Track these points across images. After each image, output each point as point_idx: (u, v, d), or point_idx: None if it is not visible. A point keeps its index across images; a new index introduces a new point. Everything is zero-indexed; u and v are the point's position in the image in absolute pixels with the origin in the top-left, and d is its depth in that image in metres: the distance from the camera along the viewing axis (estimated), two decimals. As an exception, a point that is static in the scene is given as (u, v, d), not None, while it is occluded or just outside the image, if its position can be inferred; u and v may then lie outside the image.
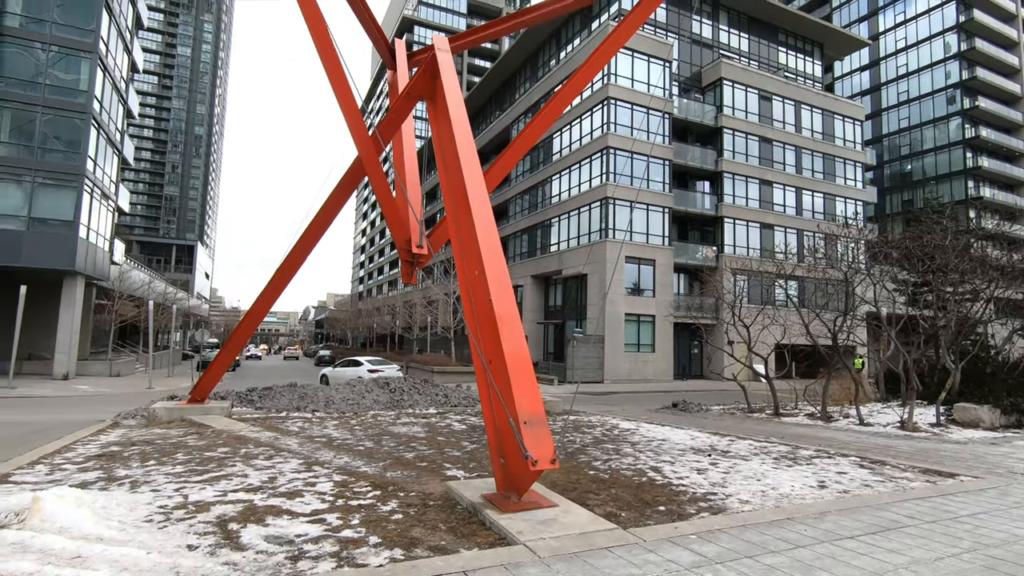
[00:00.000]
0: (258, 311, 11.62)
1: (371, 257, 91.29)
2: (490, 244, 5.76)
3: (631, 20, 9.16)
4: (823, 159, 40.00)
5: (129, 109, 32.84)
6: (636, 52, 33.43)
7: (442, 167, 7.22)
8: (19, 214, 24.20)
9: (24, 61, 24.72)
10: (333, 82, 8.18)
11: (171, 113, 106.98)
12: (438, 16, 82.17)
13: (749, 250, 35.79)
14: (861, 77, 59.76)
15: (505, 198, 44.51)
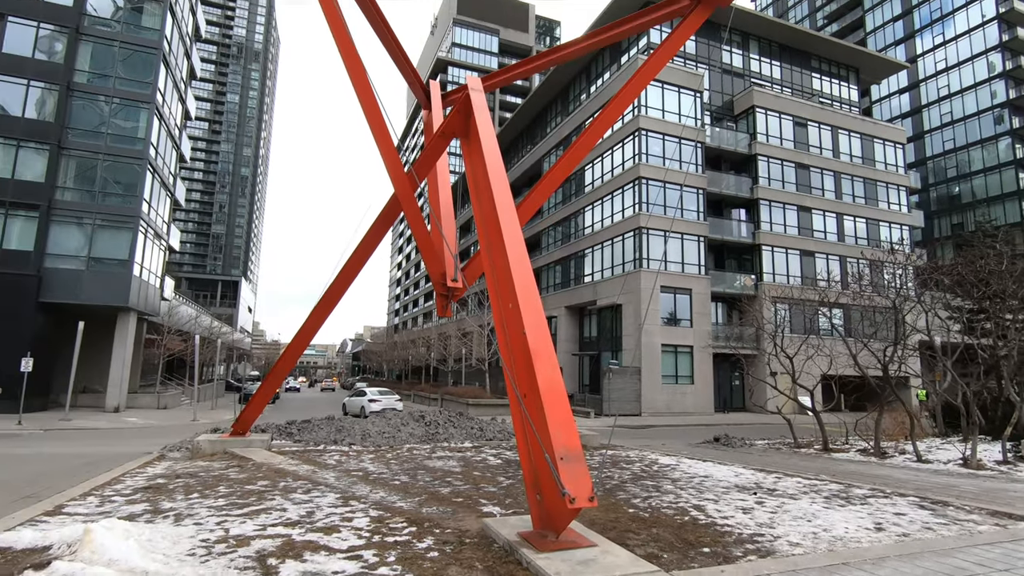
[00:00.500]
0: (298, 345, 11.89)
1: (406, 290, 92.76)
2: (524, 278, 5.80)
3: (660, 54, 9.28)
4: (864, 184, 39.01)
5: (182, 154, 34.80)
6: (666, 84, 33.68)
7: (476, 202, 7.36)
8: (79, 254, 25.70)
9: (90, 113, 26.62)
10: (371, 122, 8.50)
11: (219, 156, 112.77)
12: (471, 56, 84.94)
13: (789, 278, 34.87)
14: (900, 100, 58.52)
15: (538, 230, 44.82)
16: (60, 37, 26.10)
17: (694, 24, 9.20)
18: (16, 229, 24.73)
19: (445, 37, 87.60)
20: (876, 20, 61.38)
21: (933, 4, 55.49)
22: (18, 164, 24.95)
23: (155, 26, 28.16)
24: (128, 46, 27.46)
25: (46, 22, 25.88)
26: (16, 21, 25.44)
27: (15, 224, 24.72)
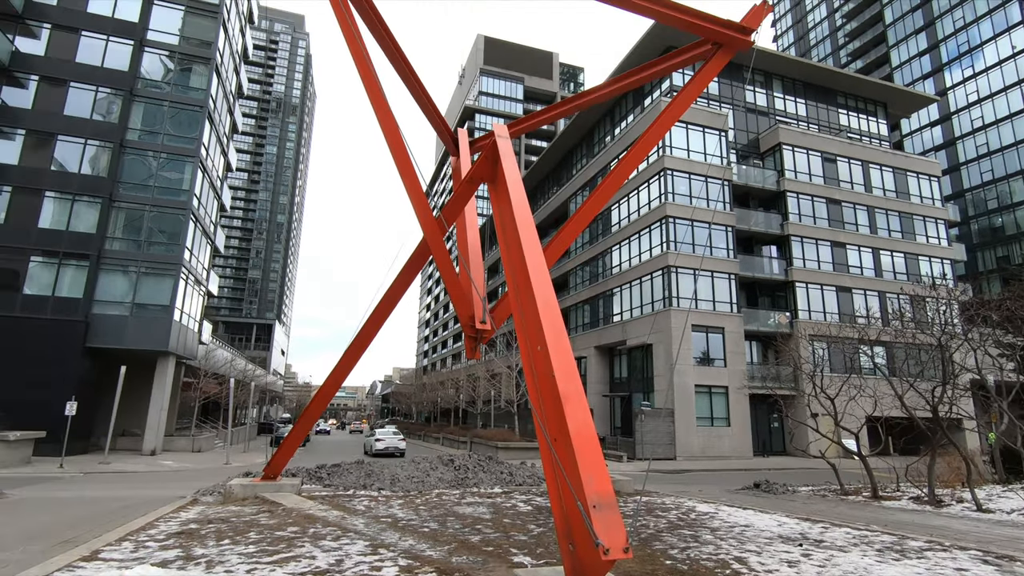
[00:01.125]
0: (328, 389, 12.01)
1: (435, 331, 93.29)
2: (552, 320, 5.79)
3: (683, 97, 9.42)
4: (899, 218, 38.13)
5: (222, 203, 36.40)
6: (690, 124, 34.03)
7: (503, 246, 7.46)
8: (124, 300, 26.78)
9: (139, 167, 28.23)
10: (401, 170, 8.79)
11: (257, 204, 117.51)
12: (497, 103, 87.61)
13: (826, 315, 33.88)
14: (932, 132, 57.64)
15: (565, 270, 44.91)
16: (115, 99, 28.02)
17: (716, 67, 9.36)
18: (68, 277, 26.00)
19: (472, 86, 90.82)
20: (902, 55, 61.29)
21: (960, 38, 55.22)
22: (72, 216, 26.46)
23: (201, 86, 30.01)
24: (176, 105, 29.27)
25: (104, 86, 27.87)
26: (77, 86, 27.48)
27: (67, 273, 26.01)
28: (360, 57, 8.92)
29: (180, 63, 29.90)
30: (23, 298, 25.08)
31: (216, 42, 30.65)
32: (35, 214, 25.95)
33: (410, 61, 11.16)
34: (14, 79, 26.73)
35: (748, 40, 9.18)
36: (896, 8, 62.66)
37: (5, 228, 25.44)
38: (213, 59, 30.33)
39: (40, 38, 27.50)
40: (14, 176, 25.93)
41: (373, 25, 10.44)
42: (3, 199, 25.78)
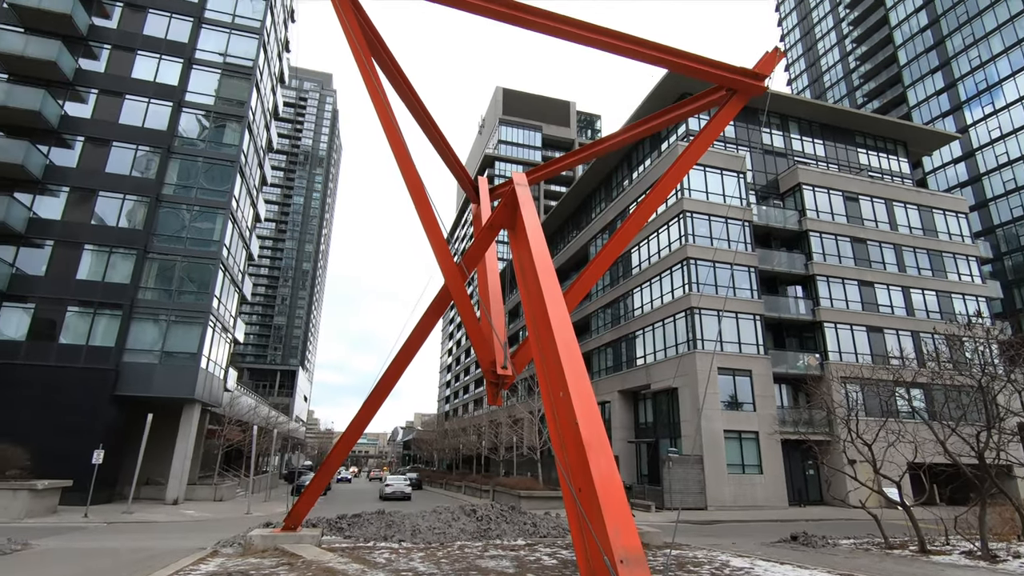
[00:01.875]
0: (350, 437, 11.95)
1: (457, 376, 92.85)
2: (573, 365, 5.74)
3: (700, 142, 9.55)
4: (928, 255, 37.34)
5: (250, 252, 37.48)
6: (708, 167, 34.30)
7: (524, 291, 7.50)
8: (154, 348, 27.38)
9: (172, 220, 29.40)
10: (422, 218, 8.99)
11: (284, 252, 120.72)
12: (516, 151, 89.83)
13: (857, 356, 32.87)
14: (956, 169, 57.03)
15: (587, 312, 44.69)
16: (154, 156, 29.50)
17: (731, 113, 9.50)
18: (101, 327, 26.76)
19: (492, 135, 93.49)
20: (919, 95, 61.48)
21: (977, 76, 55.32)
22: (109, 268, 27.48)
23: (234, 142, 31.47)
24: (210, 160, 30.67)
25: (144, 144, 29.43)
26: (119, 145, 29.06)
27: (101, 322, 26.80)
28: (384, 112, 9.30)
29: (215, 121, 31.49)
30: (58, 348, 25.82)
31: (249, 101, 32.31)
32: (74, 266, 27.03)
33: (431, 114, 11.59)
34: (62, 140, 28.42)
35: (762, 86, 9.34)
36: (910, 49, 63.32)
37: (45, 280, 26.50)
38: (246, 117, 31.90)
39: (87, 102, 29.34)
40: (56, 231, 27.20)
41: (396, 82, 10.93)
42: (45, 252, 26.97)
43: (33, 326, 25.98)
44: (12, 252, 26.49)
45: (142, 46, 30.71)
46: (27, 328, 25.90)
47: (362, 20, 9.66)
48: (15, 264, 26.36)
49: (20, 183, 27.09)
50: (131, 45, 30.56)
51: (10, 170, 26.43)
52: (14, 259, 26.43)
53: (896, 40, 65.08)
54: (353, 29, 8.83)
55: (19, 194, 26.97)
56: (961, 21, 57.41)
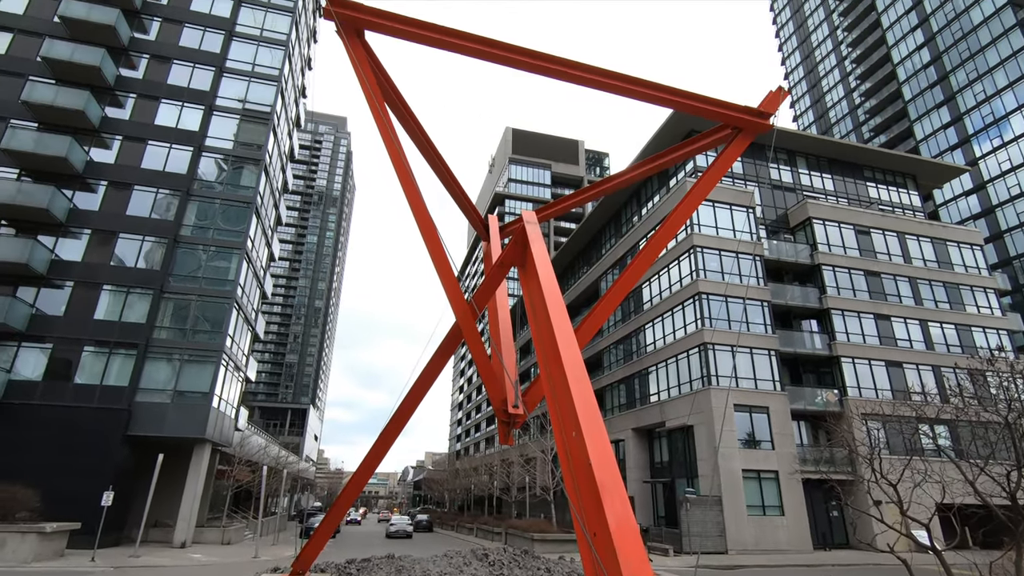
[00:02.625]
0: (360, 477, 11.76)
1: (468, 414, 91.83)
2: (586, 405, 5.66)
3: (707, 179, 9.62)
4: (944, 288, 36.85)
5: (264, 291, 37.92)
6: (717, 202, 34.49)
7: (535, 329, 7.48)
8: (166, 388, 27.47)
9: (189, 260, 29.96)
10: (433, 256, 9.07)
11: (296, 291, 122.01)
12: (526, 189, 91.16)
13: (877, 391, 32.11)
14: (968, 201, 56.83)
15: (599, 348, 44.32)
16: (173, 199, 30.31)
17: (738, 150, 9.59)
18: (116, 366, 26.99)
19: (502, 174, 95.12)
20: (925, 129, 61.91)
21: (984, 110, 55.71)
22: (125, 308, 27.90)
23: (251, 184, 32.30)
24: (227, 202, 31.44)
25: (164, 188, 30.29)
26: (141, 189, 29.95)
27: (115, 362, 27.04)
28: (396, 155, 9.52)
29: (233, 164, 32.43)
30: (73, 388, 26.02)
31: (266, 145, 33.31)
32: (92, 306, 27.49)
33: (442, 155, 11.85)
34: (86, 185, 29.36)
35: (767, 124, 9.45)
36: (914, 85, 64.11)
37: (64, 320, 26.93)
38: (262, 160, 32.83)
39: (112, 148, 30.42)
40: (76, 272, 27.80)
41: (408, 125, 11.22)
42: (65, 293, 27.50)
43: (50, 366, 26.27)
44: (33, 293, 27.05)
45: (166, 94, 31.99)
46: (44, 368, 26.20)
47: (375, 67, 10.00)
48: (35, 305, 26.87)
49: (44, 226, 27.89)
50: (155, 94, 31.85)
51: (36, 214, 27.25)
52: (34, 300, 26.96)
53: (900, 76, 66.01)
54: (367, 76, 9.13)
55: (43, 237, 27.73)
56: (964, 57, 58.22)
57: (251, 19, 35.44)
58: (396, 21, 8.76)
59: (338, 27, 8.94)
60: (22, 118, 29.08)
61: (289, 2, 37.04)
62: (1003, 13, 54.57)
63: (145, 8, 33.34)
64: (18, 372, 25.89)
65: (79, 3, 30.89)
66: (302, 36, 41.66)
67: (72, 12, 30.42)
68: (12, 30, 30.51)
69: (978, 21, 56.99)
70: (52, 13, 31.11)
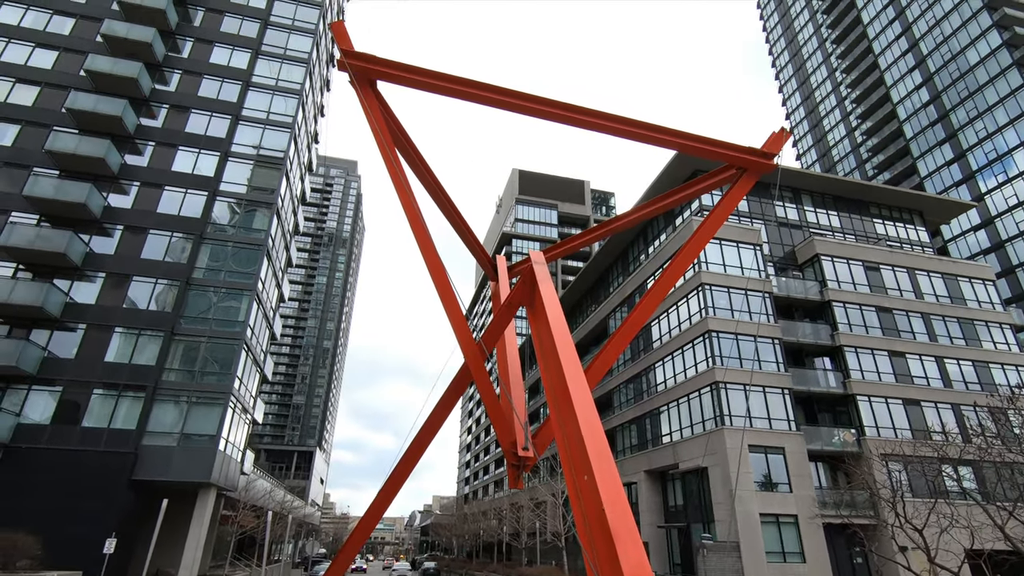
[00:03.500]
0: (367, 524, 11.48)
1: (476, 455, 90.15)
2: (598, 447, 5.56)
3: (713, 219, 9.70)
4: (959, 323, 36.32)
5: (273, 333, 38.07)
6: (724, 240, 34.60)
7: (543, 369, 7.43)
8: (173, 431, 27.29)
9: (200, 301, 30.26)
10: (442, 296, 9.11)
11: (305, 331, 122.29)
12: (533, 229, 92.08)
13: (896, 431, 31.27)
14: (977, 236, 56.65)
15: (608, 388, 43.76)
16: (187, 243, 30.87)
17: (743, 190, 9.69)
18: (123, 409, 26.93)
19: (509, 214, 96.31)
20: (929, 165, 62.37)
21: (987, 146, 56.19)
22: (136, 350, 28.05)
23: (263, 227, 32.90)
24: (239, 245, 31.96)
25: (178, 232, 30.90)
26: (156, 233, 30.58)
27: (124, 404, 27.00)
28: (405, 198, 9.71)
29: (245, 208, 33.12)
30: (81, 431, 25.92)
31: (278, 190, 34.09)
32: (103, 349, 27.67)
33: (450, 197, 12.06)
34: (103, 229, 30.03)
35: (771, 164, 9.58)
36: (915, 124, 65.00)
37: (74, 363, 27.07)
38: (275, 204, 33.53)
39: (129, 194, 31.25)
40: (90, 314, 28.11)
41: (417, 168, 11.48)
42: (77, 336, 27.75)
43: (58, 409, 26.26)
44: (46, 336, 27.31)
45: (184, 142, 33.04)
46: (52, 412, 26.19)
47: (386, 114, 10.32)
48: (47, 348, 27.09)
49: (61, 270, 28.40)
50: (173, 141, 32.91)
51: (53, 258, 27.80)
52: (47, 343, 27.20)
53: (900, 115, 67.02)
54: (378, 123, 9.41)
55: (58, 280, 28.19)
56: (963, 95, 59.15)
57: (267, 70, 36.87)
58: (406, 71, 9.09)
59: (351, 78, 9.28)
60: (45, 166, 30.04)
61: (304, 53, 38.57)
62: (999, 53, 55.74)
63: (167, 61, 34.82)
64: (27, 416, 25.88)
65: (104, 58, 32.33)
66: (316, 85, 43.17)
67: (97, 66, 31.81)
68: (40, 83, 31.89)
69: (975, 61, 58.17)
70: (79, 67, 32.54)
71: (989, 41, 56.93)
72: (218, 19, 37.32)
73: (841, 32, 77.88)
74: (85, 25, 34.00)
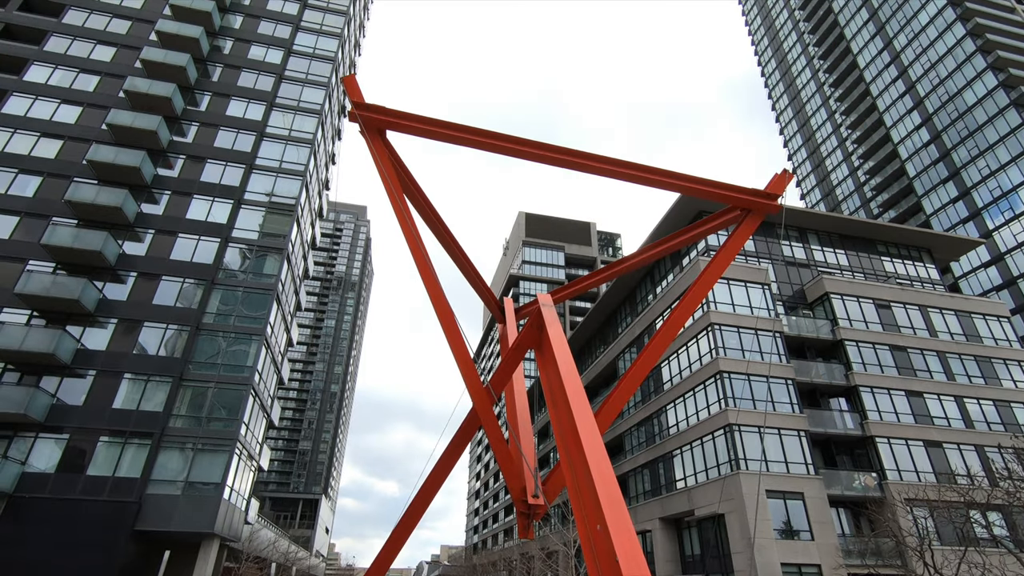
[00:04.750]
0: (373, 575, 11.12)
1: (485, 503, 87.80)
2: (610, 495, 5.41)
3: (719, 260, 9.72)
4: (976, 362, 35.60)
5: (281, 377, 37.93)
6: (732, 280, 34.54)
7: (553, 414, 7.32)
8: (178, 479, 26.84)
9: (209, 346, 30.34)
10: (450, 340, 9.09)
11: (313, 375, 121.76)
12: (540, 270, 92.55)
13: (918, 474, 30.21)
14: (988, 273, 56.20)
15: (619, 431, 42.91)
16: (198, 288, 31.22)
17: (748, 230, 9.76)
18: (129, 457, 26.62)
19: (516, 256, 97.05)
20: (934, 203, 62.56)
21: (991, 184, 56.45)
22: (144, 397, 27.97)
23: (273, 272, 33.30)
24: (249, 290, 32.29)
25: (190, 278, 31.32)
26: (168, 279, 31.00)
27: (129, 452, 26.71)
28: (413, 243, 9.83)
29: (256, 253, 33.63)
30: (85, 480, 25.57)
31: (289, 235, 34.68)
32: (111, 395, 27.61)
33: (458, 241, 12.21)
34: (117, 276, 30.50)
35: (776, 204, 9.67)
36: (917, 163, 65.63)
37: (82, 410, 26.98)
38: (285, 249, 34.04)
39: (144, 241, 31.86)
40: (100, 361, 28.22)
41: (425, 213, 11.68)
42: (86, 383, 27.76)
43: (64, 457, 26.01)
44: (56, 383, 27.34)
45: (199, 190, 33.91)
46: (57, 460, 25.93)
47: (395, 162, 10.58)
48: (56, 395, 27.08)
49: (74, 316, 28.71)
50: (189, 190, 33.78)
51: (67, 305, 28.15)
52: (56, 390, 27.21)
53: (902, 154, 67.78)
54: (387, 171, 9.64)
55: (71, 327, 28.46)
56: (963, 135, 59.88)
57: (281, 121, 38.14)
58: (415, 121, 9.37)
59: (362, 128, 9.57)
60: (64, 215, 30.82)
61: (316, 105, 39.96)
62: (996, 94, 56.73)
63: (185, 114, 36.16)
64: (32, 464, 25.63)
65: (126, 112, 33.63)
66: (327, 134, 44.52)
67: (119, 120, 33.05)
68: (63, 137, 33.10)
69: (972, 102, 59.16)
70: (101, 121, 33.82)
71: (985, 82, 58.06)
72: (235, 74, 38.93)
73: (838, 76, 79.81)
74: (109, 82, 35.54)
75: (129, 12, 38.51)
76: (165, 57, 35.78)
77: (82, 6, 37.93)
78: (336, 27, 44.56)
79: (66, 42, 36.35)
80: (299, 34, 42.58)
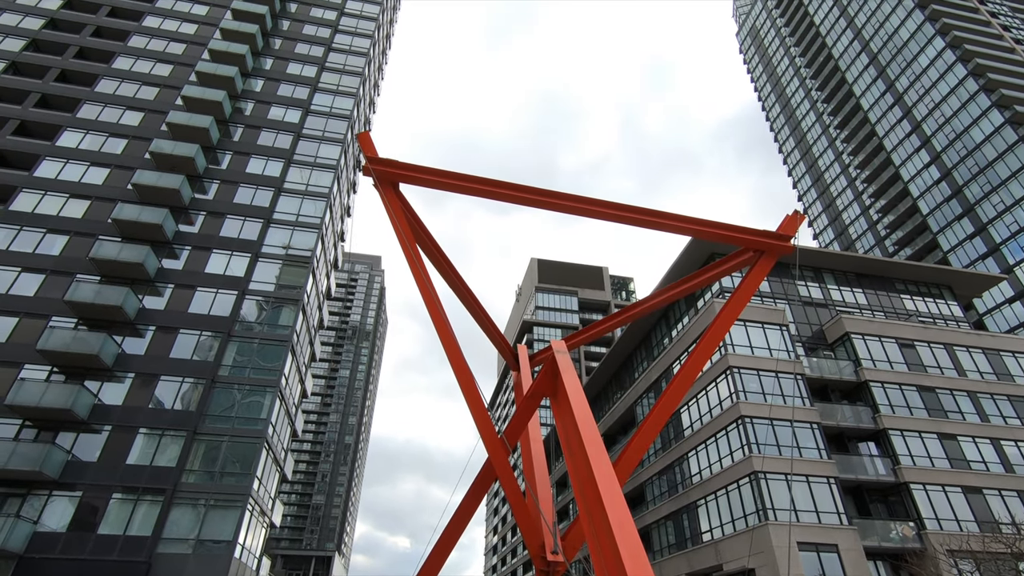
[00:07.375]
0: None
1: (503, 559, 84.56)
2: (633, 553, 5.17)
3: (735, 302, 9.62)
4: (1010, 402, 34.26)
5: (295, 429, 37.61)
6: (748, 321, 34.06)
7: (570, 464, 7.11)
8: (189, 537, 26.29)
9: (224, 398, 30.30)
10: (464, 391, 8.98)
11: (327, 427, 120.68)
12: (553, 316, 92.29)
13: (959, 523, 28.62)
14: (1014, 309, 54.89)
15: (640, 480, 41.51)
16: (215, 341, 31.51)
17: (762, 272, 9.69)
18: (140, 514, 26.22)
19: (529, 302, 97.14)
20: (950, 240, 61.98)
21: (1007, 219, 55.96)
22: (157, 451, 27.80)
23: (288, 323, 33.58)
24: (265, 341, 32.50)
25: (207, 330, 31.67)
26: (186, 332, 31.37)
27: (141, 509, 26.34)
28: (427, 292, 9.89)
29: (272, 305, 34.04)
30: (96, 539, 25.15)
31: (305, 287, 35.15)
32: (126, 451, 27.49)
33: (471, 289, 12.26)
34: (136, 331, 30.95)
35: (789, 245, 9.63)
36: (929, 200, 65.47)
37: (96, 466, 26.82)
38: (301, 300, 34.44)
39: (163, 295, 32.47)
40: (115, 416, 28.27)
41: (437, 262, 11.79)
42: (102, 438, 27.72)
43: (76, 515, 25.68)
44: (72, 439, 27.34)
45: (217, 245, 34.75)
46: (70, 518, 25.60)
47: (408, 214, 10.78)
48: (72, 451, 27.03)
49: (92, 371, 28.99)
50: (208, 245, 34.63)
51: (86, 360, 28.50)
52: (72, 446, 27.18)
53: (913, 192, 67.76)
54: (400, 223, 9.80)
55: (89, 382, 28.70)
56: (974, 171, 59.88)
57: (298, 176, 39.39)
58: (427, 173, 9.59)
59: (375, 181, 9.80)
60: (87, 272, 31.65)
61: (332, 160, 41.30)
62: (1004, 131, 57.02)
63: (207, 172, 37.52)
64: (44, 523, 25.32)
65: (150, 172, 35.00)
66: (343, 188, 45.77)
67: (144, 180, 34.36)
68: (90, 198, 34.41)
69: (980, 139, 59.46)
70: (127, 181, 35.18)
71: (991, 120, 58.50)
72: (256, 133, 40.57)
73: (843, 119, 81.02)
74: (136, 144, 37.19)
75: (157, 80, 40.69)
76: (189, 120, 37.50)
77: (114, 76, 40.19)
78: (352, 87, 46.55)
79: (98, 108, 38.34)
80: (316, 95, 44.50)
